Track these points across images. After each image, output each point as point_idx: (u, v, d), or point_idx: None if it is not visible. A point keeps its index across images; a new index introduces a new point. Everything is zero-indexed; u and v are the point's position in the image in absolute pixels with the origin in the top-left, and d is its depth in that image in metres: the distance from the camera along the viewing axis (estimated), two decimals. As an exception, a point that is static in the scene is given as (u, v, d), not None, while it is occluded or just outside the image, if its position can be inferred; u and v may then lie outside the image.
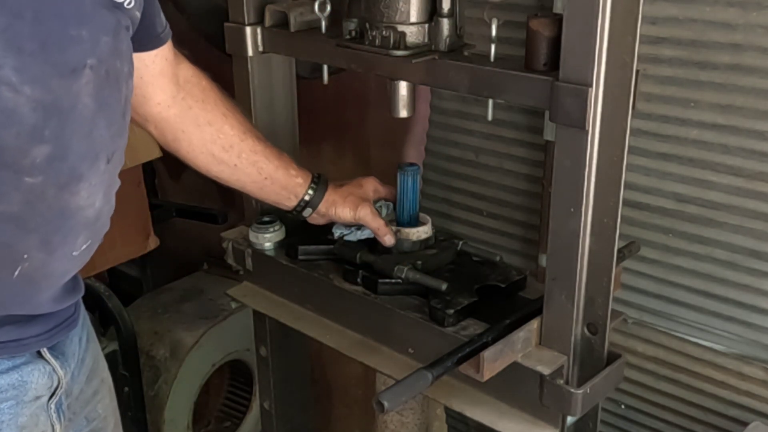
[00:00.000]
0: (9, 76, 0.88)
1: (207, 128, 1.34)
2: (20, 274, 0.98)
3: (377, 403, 1.07)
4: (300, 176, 1.44)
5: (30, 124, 0.91)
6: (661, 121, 1.45)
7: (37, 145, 0.92)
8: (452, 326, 1.30)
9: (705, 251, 1.47)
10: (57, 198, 0.97)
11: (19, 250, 0.97)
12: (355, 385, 2.37)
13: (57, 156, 0.95)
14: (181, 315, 2.30)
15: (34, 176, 0.94)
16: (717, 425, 1.53)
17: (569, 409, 1.19)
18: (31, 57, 0.90)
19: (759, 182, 1.38)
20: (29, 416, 1.08)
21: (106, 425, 1.27)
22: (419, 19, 1.29)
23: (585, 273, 1.17)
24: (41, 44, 0.91)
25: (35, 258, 0.99)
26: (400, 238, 1.44)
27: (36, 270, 1.01)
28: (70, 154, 0.96)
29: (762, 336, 1.45)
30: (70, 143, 0.96)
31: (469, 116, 1.73)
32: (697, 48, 1.38)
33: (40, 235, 0.98)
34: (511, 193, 1.72)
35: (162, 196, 2.74)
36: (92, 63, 0.96)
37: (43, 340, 1.08)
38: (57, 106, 0.93)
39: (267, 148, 1.40)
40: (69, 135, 0.96)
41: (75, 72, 0.94)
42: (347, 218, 1.45)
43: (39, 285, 1.04)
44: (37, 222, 0.97)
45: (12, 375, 1.05)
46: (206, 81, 1.35)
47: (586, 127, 1.09)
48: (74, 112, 0.95)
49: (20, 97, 0.89)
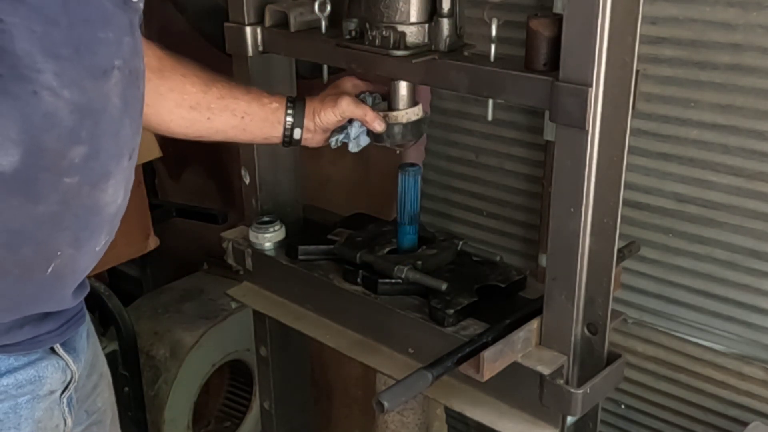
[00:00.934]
0: (50, 81, 0.92)
1: (170, 95, 1.33)
2: (53, 271, 1.02)
3: (377, 403, 1.07)
4: (274, 101, 1.41)
5: (69, 127, 0.95)
6: (661, 121, 1.45)
7: (74, 146, 0.96)
8: (452, 326, 1.30)
9: (705, 251, 1.47)
10: (89, 196, 1.01)
11: (54, 248, 1.01)
12: (355, 385, 2.37)
13: (91, 155, 0.98)
14: (181, 315, 2.30)
15: (72, 176, 0.97)
16: (717, 425, 1.53)
17: (569, 409, 1.19)
18: (68, 61, 0.93)
19: (759, 182, 1.38)
20: (44, 410, 1.11)
21: (104, 418, 1.29)
22: (419, 19, 1.29)
23: (585, 273, 1.17)
24: (75, 49, 0.94)
25: (66, 254, 1.03)
26: (390, 123, 1.39)
27: (66, 266, 1.04)
28: (102, 153, 1.00)
29: (762, 336, 1.45)
30: (102, 143, 1.00)
31: (469, 116, 1.73)
32: (697, 48, 1.38)
33: (72, 232, 1.02)
34: (511, 193, 1.72)
35: (162, 196, 2.74)
36: (119, 64, 1.00)
37: (56, 336, 1.12)
38: (91, 108, 0.97)
39: (234, 89, 1.38)
40: (101, 135, 0.99)
41: (105, 73, 0.98)
42: (332, 120, 1.40)
43: (66, 281, 1.08)
44: (70, 220, 1.00)
45: (29, 370, 1.08)
46: (158, 48, 1.34)
47: (586, 127, 1.09)
48: (105, 113, 0.99)
49: (60, 100, 0.93)
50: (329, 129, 1.43)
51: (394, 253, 1.47)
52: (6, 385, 1.06)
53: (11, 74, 0.89)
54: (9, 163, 0.91)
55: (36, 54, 0.90)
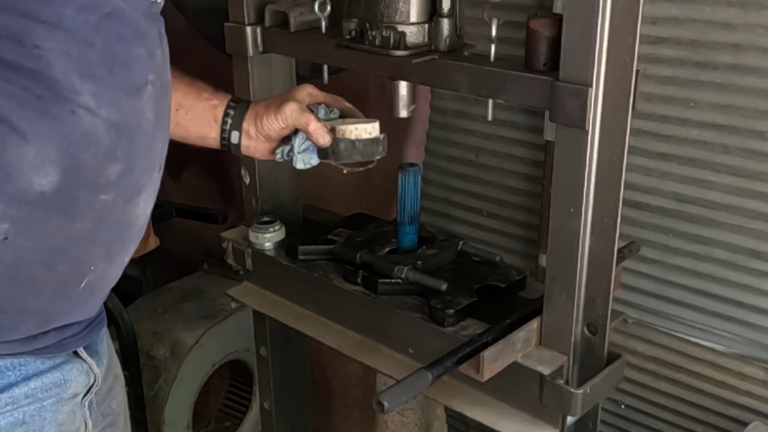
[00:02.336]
0: (88, 102, 0.92)
1: None
2: (86, 285, 1.03)
3: (377, 403, 1.07)
4: (216, 98, 1.33)
5: (105, 145, 0.95)
6: (661, 121, 1.45)
7: (111, 163, 0.97)
8: (452, 326, 1.30)
9: (705, 251, 1.47)
10: (123, 211, 1.02)
11: (88, 263, 1.01)
12: (355, 385, 2.37)
13: (126, 171, 0.99)
14: (181, 315, 2.30)
15: (108, 193, 0.98)
16: (717, 425, 1.53)
17: (569, 409, 1.19)
18: (104, 81, 0.94)
19: (759, 182, 1.38)
20: (67, 413, 1.11)
21: (118, 421, 1.28)
22: (419, 19, 1.29)
23: (585, 273, 1.17)
24: (109, 68, 0.94)
25: (99, 268, 1.03)
26: (337, 138, 1.28)
27: (98, 279, 1.05)
28: (135, 168, 1.01)
29: (762, 336, 1.45)
30: (136, 158, 1.00)
31: (469, 116, 1.73)
32: (697, 48, 1.38)
33: (106, 247, 1.03)
34: (511, 193, 1.72)
35: (162, 196, 2.72)
36: (152, 78, 1.01)
37: (79, 339, 1.11)
38: (126, 125, 0.97)
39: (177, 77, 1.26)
40: (135, 151, 1.00)
41: (139, 90, 0.98)
42: (274, 127, 1.30)
43: (97, 293, 1.09)
44: (105, 235, 1.01)
45: (55, 374, 1.08)
46: None
47: (586, 127, 1.09)
48: (140, 129, 1.00)
49: (97, 119, 0.93)
50: (273, 138, 1.33)
51: (394, 253, 1.47)
52: (34, 388, 1.06)
53: (50, 96, 0.89)
54: (49, 183, 0.92)
55: (73, 77, 0.90)
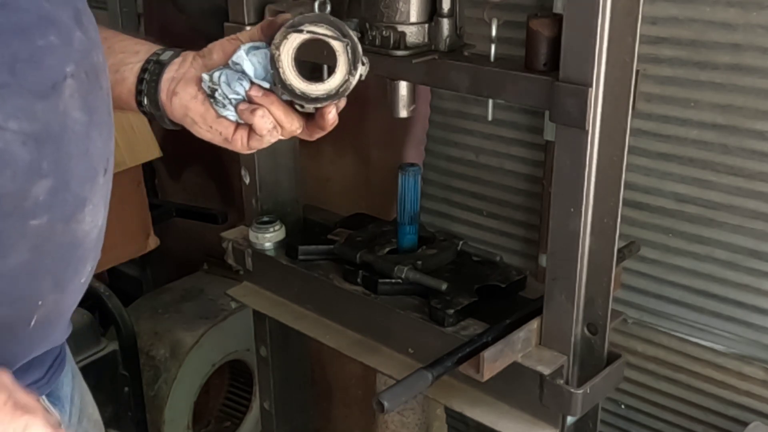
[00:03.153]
0: None
1: None
2: (36, 322, 0.89)
3: (377, 403, 1.07)
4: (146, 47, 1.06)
5: (25, 162, 0.79)
6: (661, 121, 1.45)
7: (36, 182, 0.81)
8: (452, 326, 1.30)
9: (705, 251, 1.47)
10: (64, 233, 0.86)
11: (34, 299, 0.87)
12: (355, 385, 2.36)
13: (59, 187, 0.83)
14: (181, 315, 2.30)
15: (39, 217, 0.82)
16: (717, 425, 1.53)
17: (569, 409, 1.19)
18: (6, 88, 0.77)
19: (759, 182, 1.38)
20: None
21: None
22: (419, 19, 1.29)
23: (585, 273, 1.17)
24: (10, 69, 0.77)
25: (49, 301, 0.89)
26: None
27: (51, 312, 0.91)
28: (71, 180, 0.85)
29: (762, 336, 1.45)
30: (69, 169, 0.84)
31: (469, 116, 1.73)
32: (697, 48, 1.38)
33: (52, 276, 0.88)
34: (511, 193, 1.72)
35: (162, 196, 2.74)
36: (72, 70, 0.83)
37: (42, 386, 0.99)
38: (47, 133, 0.81)
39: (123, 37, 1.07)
40: (67, 160, 0.84)
41: (56, 87, 0.82)
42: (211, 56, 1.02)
43: (54, 326, 0.96)
44: (47, 264, 0.86)
45: None
46: None
47: (586, 127, 1.09)
48: (67, 133, 0.83)
49: (6, 133, 0.77)
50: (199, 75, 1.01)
51: (394, 253, 1.47)
52: None
53: None
54: None
55: None
